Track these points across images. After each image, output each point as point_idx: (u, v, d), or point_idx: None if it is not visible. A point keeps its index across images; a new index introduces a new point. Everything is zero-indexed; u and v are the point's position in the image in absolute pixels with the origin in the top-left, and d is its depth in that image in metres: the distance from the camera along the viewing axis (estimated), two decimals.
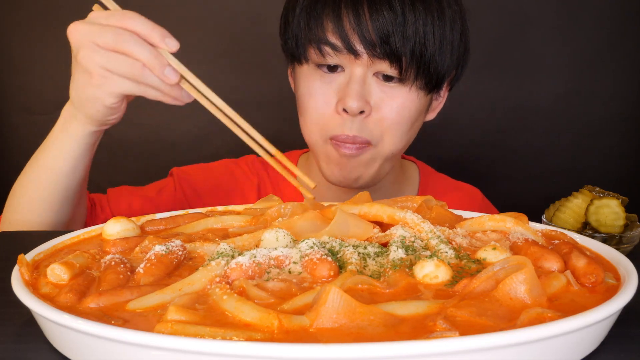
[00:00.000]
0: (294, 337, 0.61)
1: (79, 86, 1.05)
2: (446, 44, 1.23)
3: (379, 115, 1.24)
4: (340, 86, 1.24)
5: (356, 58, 1.20)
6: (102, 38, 0.97)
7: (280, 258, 0.79)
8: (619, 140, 2.38)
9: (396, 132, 1.27)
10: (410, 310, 0.66)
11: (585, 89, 2.33)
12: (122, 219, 0.96)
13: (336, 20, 1.18)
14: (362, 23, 1.17)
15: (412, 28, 1.17)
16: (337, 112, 1.24)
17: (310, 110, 1.27)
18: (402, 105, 1.25)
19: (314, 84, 1.26)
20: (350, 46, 1.19)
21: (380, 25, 1.16)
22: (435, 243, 0.84)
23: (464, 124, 2.37)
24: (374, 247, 0.83)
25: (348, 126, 1.24)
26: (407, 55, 1.19)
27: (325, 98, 1.25)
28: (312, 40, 1.22)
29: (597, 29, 2.29)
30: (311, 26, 1.22)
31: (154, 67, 0.97)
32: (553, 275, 0.74)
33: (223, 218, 1.00)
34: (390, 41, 1.17)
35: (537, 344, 0.60)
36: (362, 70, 1.22)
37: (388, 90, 1.24)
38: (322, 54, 1.22)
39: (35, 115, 2.39)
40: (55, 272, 0.76)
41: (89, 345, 0.63)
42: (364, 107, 1.22)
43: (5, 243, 1.20)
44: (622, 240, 1.07)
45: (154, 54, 0.97)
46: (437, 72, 1.25)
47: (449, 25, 1.23)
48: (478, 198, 1.58)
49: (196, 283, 0.72)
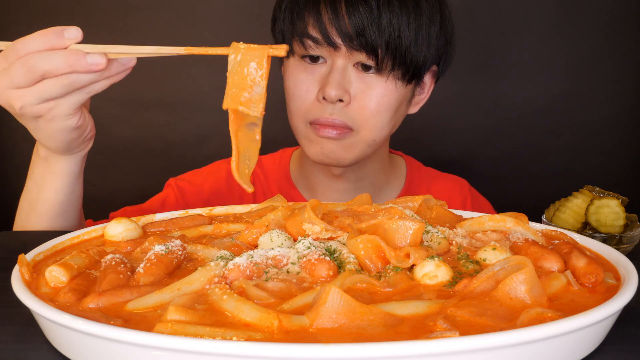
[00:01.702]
0: (294, 337, 0.61)
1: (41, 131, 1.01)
2: (422, 36, 1.30)
3: (359, 104, 1.32)
4: (322, 76, 1.33)
5: (335, 50, 1.29)
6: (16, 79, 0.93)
7: (278, 258, 0.79)
8: (618, 140, 2.38)
9: (377, 120, 1.34)
10: (410, 310, 0.66)
11: (585, 89, 2.34)
12: (123, 219, 0.97)
13: (316, 15, 1.28)
14: (340, 18, 1.26)
15: (386, 21, 1.26)
16: (318, 99, 1.33)
17: (294, 97, 1.36)
18: (381, 94, 1.32)
19: (299, 75, 1.35)
20: (329, 39, 1.28)
21: (356, 19, 1.25)
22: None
23: (464, 124, 2.37)
24: None
25: (328, 111, 1.32)
26: (382, 47, 1.27)
27: (307, 86, 1.34)
28: (296, 34, 1.32)
29: (596, 29, 2.30)
30: (294, 22, 1.32)
31: (76, 67, 0.91)
32: (553, 275, 0.74)
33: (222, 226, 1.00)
34: (365, 34, 1.26)
35: (537, 344, 0.60)
36: (342, 62, 1.31)
37: (367, 80, 1.32)
38: (304, 46, 1.31)
39: None
40: (53, 274, 0.75)
41: (89, 345, 0.63)
42: (343, 95, 1.30)
43: (5, 243, 1.20)
44: (622, 240, 1.07)
45: (66, 55, 0.91)
46: (413, 63, 1.32)
47: (426, 18, 1.30)
48: (465, 187, 1.62)
49: (195, 283, 0.72)
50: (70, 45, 0.92)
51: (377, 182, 1.51)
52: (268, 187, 1.55)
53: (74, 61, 0.91)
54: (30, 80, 0.92)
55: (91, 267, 0.81)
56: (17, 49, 0.92)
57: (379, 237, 0.80)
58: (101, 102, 2.39)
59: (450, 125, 2.35)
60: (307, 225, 0.89)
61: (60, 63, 0.90)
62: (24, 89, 0.93)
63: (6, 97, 0.95)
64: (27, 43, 0.91)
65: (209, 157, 2.18)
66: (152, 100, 2.38)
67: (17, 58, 0.91)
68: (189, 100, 2.38)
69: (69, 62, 0.91)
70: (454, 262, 0.81)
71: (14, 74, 0.92)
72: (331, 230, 0.88)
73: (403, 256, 0.79)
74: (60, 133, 1.02)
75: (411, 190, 1.55)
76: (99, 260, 0.83)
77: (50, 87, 0.92)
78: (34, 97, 0.93)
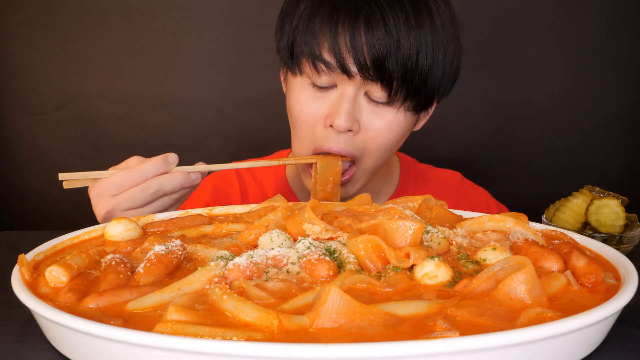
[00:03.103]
0: (294, 337, 0.61)
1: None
2: (438, 66, 1.24)
3: (368, 134, 1.27)
4: (332, 102, 1.25)
5: (349, 78, 1.22)
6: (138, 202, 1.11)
7: (278, 258, 0.79)
8: (618, 140, 2.38)
9: (382, 150, 1.30)
10: (410, 310, 0.66)
11: (585, 89, 2.33)
12: (123, 219, 0.97)
13: (332, 39, 1.19)
14: (358, 45, 1.18)
15: (406, 53, 1.19)
16: (325, 126, 1.26)
17: (301, 123, 1.30)
18: (389, 126, 1.27)
19: (307, 98, 1.28)
20: (345, 66, 1.20)
21: (375, 49, 1.18)
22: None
23: (463, 125, 2.37)
24: None
25: (334, 139, 1.26)
26: (398, 80, 1.21)
27: (315, 112, 1.27)
28: (307, 55, 1.23)
29: (596, 29, 2.29)
30: (307, 42, 1.23)
31: (186, 184, 1.14)
32: (553, 275, 0.74)
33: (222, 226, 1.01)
34: (383, 65, 1.19)
35: (537, 344, 0.60)
36: (353, 90, 1.23)
37: (377, 110, 1.26)
38: (316, 70, 1.23)
39: (35, 115, 2.40)
40: (53, 274, 0.75)
41: (89, 345, 0.63)
42: (353, 125, 1.24)
43: (6, 243, 1.20)
44: (622, 240, 1.07)
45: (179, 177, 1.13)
46: (426, 95, 1.27)
47: (442, 48, 1.24)
48: (457, 179, 1.61)
49: (195, 283, 0.72)
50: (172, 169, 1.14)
51: (373, 187, 1.50)
52: (264, 191, 1.54)
53: (184, 180, 1.13)
54: (150, 201, 1.12)
55: (91, 267, 0.81)
56: (133, 176, 1.10)
57: (379, 237, 0.80)
58: (101, 102, 2.40)
59: (450, 125, 2.35)
60: (307, 225, 0.89)
61: (176, 184, 1.12)
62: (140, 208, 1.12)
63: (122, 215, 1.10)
64: (142, 170, 1.10)
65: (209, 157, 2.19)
66: (152, 100, 2.38)
67: (134, 183, 1.10)
68: (189, 100, 2.38)
69: (181, 183, 1.13)
70: (454, 262, 0.81)
71: (137, 198, 1.10)
72: (331, 230, 0.88)
73: (403, 256, 0.79)
74: None
75: (404, 189, 1.54)
76: (99, 260, 0.83)
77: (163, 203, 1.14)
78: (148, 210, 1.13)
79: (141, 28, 2.32)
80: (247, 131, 2.39)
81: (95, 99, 2.38)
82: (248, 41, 2.29)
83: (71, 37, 2.33)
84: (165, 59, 2.36)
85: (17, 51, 2.35)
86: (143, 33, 2.33)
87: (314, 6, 1.23)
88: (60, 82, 2.37)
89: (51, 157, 2.41)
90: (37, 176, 2.43)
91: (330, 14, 1.20)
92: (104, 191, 1.11)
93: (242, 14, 2.31)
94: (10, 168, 2.45)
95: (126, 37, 2.33)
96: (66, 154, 2.40)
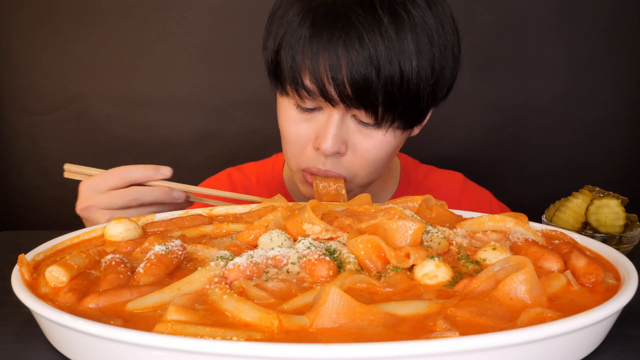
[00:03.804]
0: (294, 337, 0.61)
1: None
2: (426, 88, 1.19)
3: (356, 155, 1.25)
4: (319, 124, 1.23)
5: (333, 106, 1.19)
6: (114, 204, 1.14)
7: (278, 258, 0.79)
8: (618, 140, 2.38)
9: (372, 168, 1.28)
10: (410, 310, 0.66)
11: (585, 89, 2.33)
12: (123, 219, 0.97)
13: (313, 67, 1.16)
14: (338, 75, 1.14)
15: (388, 74, 1.14)
16: (314, 147, 1.25)
17: (289, 142, 1.29)
18: (379, 146, 1.24)
19: (294, 119, 1.26)
20: (327, 95, 1.17)
21: (357, 77, 1.13)
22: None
23: (464, 124, 2.37)
24: None
25: (321, 161, 1.25)
26: (383, 105, 1.17)
27: (303, 134, 1.25)
28: (290, 81, 1.20)
29: (596, 29, 2.29)
30: (289, 68, 1.20)
31: (165, 199, 1.17)
32: (553, 275, 0.74)
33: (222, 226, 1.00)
34: (364, 94, 1.15)
35: (537, 344, 0.60)
36: (339, 114, 1.20)
37: (366, 131, 1.23)
38: (299, 95, 1.20)
39: (35, 115, 2.40)
40: (53, 274, 0.75)
41: (89, 345, 0.63)
42: (340, 148, 1.22)
43: (5, 243, 1.20)
44: (622, 240, 1.07)
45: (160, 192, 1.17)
46: (414, 117, 1.24)
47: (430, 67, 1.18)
48: (459, 180, 1.59)
49: (195, 283, 0.72)
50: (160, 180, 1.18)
51: (374, 190, 1.48)
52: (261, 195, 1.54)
53: (164, 197, 1.17)
54: (126, 206, 1.15)
55: (91, 267, 0.81)
56: (120, 176, 1.15)
57: (379, 237, 0.80)
58: (101, 102, 2.40)
59: (450, 125, 2.35)
60: (307, 225, 0.89)
61: (154, 197, 1.16)
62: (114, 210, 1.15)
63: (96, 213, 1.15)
64: (129, 173, 1.15)
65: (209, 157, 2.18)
66: (152, 100, 2.38)
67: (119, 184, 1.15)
68: (189, 100, 2.38)
69: (160, 198, 1.17)
70: (454, 262, 0.81)
71: (114, 200, 1.14)
72: (331, 230, 0.88)
73: (403, 256, 0.79)
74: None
75: (405, 191, 1.54)
76: (99, 260, 0.83)
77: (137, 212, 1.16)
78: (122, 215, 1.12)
79: (141, 28, 2.32)
80: (247, 131, 2.39)
81: (95, 99, 2.38)
82: (248, 41, 2.29)
83: (71, 37, 2.33)
84: (165, 59, 2.36)
85: (17, 51, 2.35)
86: (143, 33, 2.33)
87: (293, 30, 1.19)
88: (60, 82, 2.37)
89: (51, 157, 2.41)
90: (37, 176, 2.43)
91: (310, 43, 1.17)
92: (91, 186, 1.16)
93: (242, 14, 2.31)
94: (10, 168, 2.45)
95: (126, 37, 2.33)
96: (66, 154, 2.40)
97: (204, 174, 1.67)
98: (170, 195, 1.18)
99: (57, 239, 0.92)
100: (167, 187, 1.19)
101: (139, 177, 1.16)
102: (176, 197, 1.18)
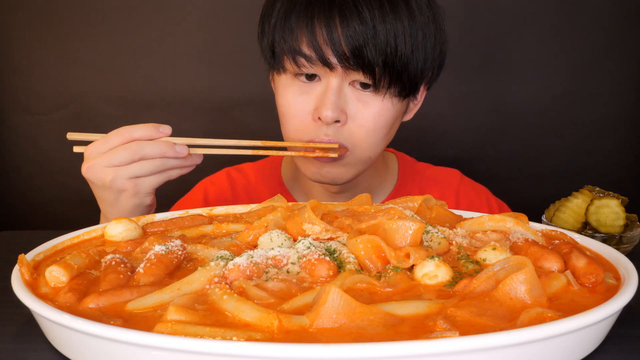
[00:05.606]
0: (294, 337, 0.61)
1: (120, 204, 1.19)
2: (419, 50, 1.26)
3: (356, 123, 1.28)
4: (318, 95, 1.28)
5: (331, 70, 1.24)
6: (117, 159, 1.13)
7: (278, 258, 0.79)
8: (618, 140, 2.38)
9: (373, 139, 1.31)
10: (410, 310, 0.66)
11: (585, 89, 2.33)
12: (123, 219, 0.97)
13: (309, 33, 1.22)
14: (334, 36, 1.20)
15: (383, 39, 1.21)
16: (314, 119, 1.28)
17: (289, 117, 1.32)
18: (378, 113, 1.29)
19: (293, 94, 1.30)
20: (324, 59, 1.22)
21: (352, 38, 1.20)
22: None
23: (463, 124, 2.37)
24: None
25: (324, 131, 1.28)
26: (379, 65, 1.22)
27: (302, 107, 1.29)
28: (287, 51, 1.26)
29: (596, 29, 2.29)
30: (286, 38, 1.25)
31: (168, 152, 1.16)
32: (553, 275, 0.74)
33: (222, 226, 1.01)
34: (362, 53, 1.21)
35: (537, 344, 0.60)
36: (338, 81, 1.25)
37: (364, 98, 1.28)
38: (297, 65, 1.26)
39: (35, 115, 2.40)
40: (53, 274, 0.75)
41: (89, 345, 0.63)
42: (340, 116, 1.26)
43: (5, 243, 1.20)
44: (622, 240, 1.07)
45: (161, 144, 1.15)
46: (410, 79, 1.28)
47: (422, 31, 1.26)
48: (456, 177, 1.61)
49: (195, 283, 0.72)
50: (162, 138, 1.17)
51: (372, 185, 1.51)
52: (260, 195, 1.54)
53: (167, 149, 1.15)
54: (129, 161, 1.14)
55: (91, 267, 0.81)
56: (121, 134, 1.14)
57: (379, 237, 0.80)
58: (101, 102, 2.40)
59: (450, 125, 2.35)
60: (307, 225, 0.89)
61: (157, 149, 1.15)
62: (118, 167, 1.14)
63: (101, 171, 1.15)
64: (132, 131, 1.15)
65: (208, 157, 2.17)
66: (152, 100, 2.38)
67: (120, 142, 1.14)
68: (189, 100, 2.38)
69: (163, 149, 1.15)
70: (454, 262, 0.81)
71: (117, 155, 1.13)
72: (331, 230, 0.88)
73: (403, 256, 0.79)
74: (136, 208, 1.20)
75: (403, 186, 1.54)
76: (99, 260, 0.83)
77: (143, 167, 1.15)
78: (127, 172, 1.14)
79: (141, 28, 2.32)
80: (247, 131, 2.39)
81: (95, 99, 2.38)
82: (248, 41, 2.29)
83: (71, 37, 2.32)
84: (165, 59, 2.36)
85: (17, 51, 2.35)
86: (143, 33, 2.33)
87: (289, 4, 1.26)
88: (60, 82, 2.37)
89: (51, 157, 2.41)
90: (37, 176, 2.42)
91: (305, 10, 1.23)
92: (95, 148, 1.16)
93: (242, 14, 2.31)
94: (10, 168, 2.45)
95: (126, 37, 2.33)
96: (66, 154, 2.39)
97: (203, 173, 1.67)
98: (173, 148, 1.17)
99: (57, 239, 0.92)
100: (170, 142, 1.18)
101: (140, 135, 1.15)
102: (179, 151, 1.17)
